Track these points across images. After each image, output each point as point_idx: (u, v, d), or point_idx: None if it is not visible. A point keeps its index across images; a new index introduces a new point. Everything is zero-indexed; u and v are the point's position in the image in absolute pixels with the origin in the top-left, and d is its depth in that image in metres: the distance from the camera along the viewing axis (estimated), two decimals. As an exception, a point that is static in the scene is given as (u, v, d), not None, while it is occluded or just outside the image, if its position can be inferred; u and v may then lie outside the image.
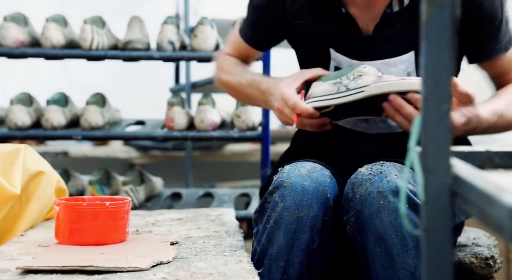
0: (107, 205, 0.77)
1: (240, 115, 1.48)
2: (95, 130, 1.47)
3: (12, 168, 0.86)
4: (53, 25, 1.44)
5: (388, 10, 0.87)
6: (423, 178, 0.37)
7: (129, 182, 1.51)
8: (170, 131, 1.48)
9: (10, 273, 0.61)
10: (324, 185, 0.76)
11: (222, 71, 1.04)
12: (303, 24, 0.91)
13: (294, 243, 0.74)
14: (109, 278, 0.60)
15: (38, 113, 1.50)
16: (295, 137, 1.04)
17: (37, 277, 0.59)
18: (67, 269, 0.61)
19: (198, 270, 0.63)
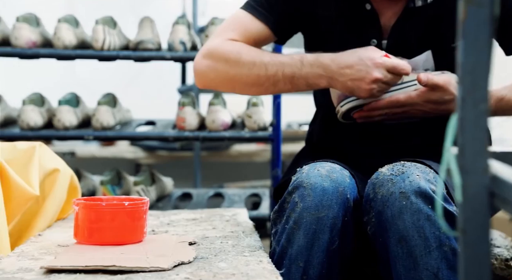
0: (126, 205, 0.77)
1: (252, 115, 1.47)
2: (107, 130, 1.47)
3: (28, 167, 0.86)
4: (65, 25, 1.45)
5: (411, 5, 0.86)
6: (461, 179, 0.37)
7: (140, 182, 1.51)
8: (181, 131, 1.48)
9: (34, 272, 0.61)
10: (344, 185, 0.76)
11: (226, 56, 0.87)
12: (327, 15, 0.90)
13: (314, 244, 0.74)
14: (132, 278, 0.60)
15: (50, 113, 1.50)
16: (309, 137, 1.03)
17: (61, 277, 0.59)
18: (90, 269, 0.61)
19: (220, 270, 0.63)
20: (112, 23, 1.49)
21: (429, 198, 0.72)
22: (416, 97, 0.82)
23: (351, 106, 0.85)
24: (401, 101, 0.82)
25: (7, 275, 0.59)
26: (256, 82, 0.87)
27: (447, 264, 0.71)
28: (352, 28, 0.89)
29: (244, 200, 1.65)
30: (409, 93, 0.83)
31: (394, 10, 0.88)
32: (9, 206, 0.80)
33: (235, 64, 0.87)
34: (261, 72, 0.85)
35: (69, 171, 0.98)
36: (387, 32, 0.89)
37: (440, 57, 0.87)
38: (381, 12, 0.88)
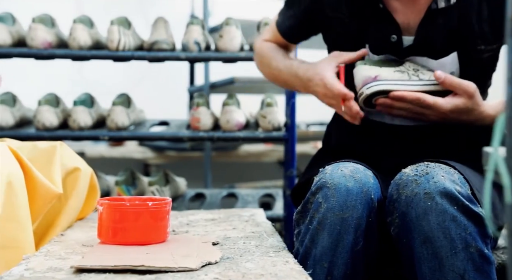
0: (149, 205, 0.77)
1: (266, 116, 1.47)
2: (121, 131, 1.48)
3: (50, 166, 0.87)
4: (80, 26, 1.45)
5: (434, 6, 0.86)
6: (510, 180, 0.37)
7: (155, 183, 1.52)
8: (195, 131, 1.49)
9: (64, 272, 0.61)
10: (368, 186, 0.76)
11: (261, 56, 1.07)
12: (339, 17, 0.91)
13: (339, 244, 0.74)
14: (161, 278, 0.60)
15: (64, 114, 1.51)
16: (326, 137, 1.03)
17: (91, 276, 0.60)
18: (119, 269, 0.62)
19: (248, 270, 0.63)
20: (126, 24, 1.49)
21: (454, 199, 0.72)
22: (443, 102, 0.83)
23: (377, 90, 0.85)
24: (427, 102, 0.82)
25: (38, 274, 0.60)
26: (274, 80, 1.08)
27: (473, 266, 0.71)
28: (367, 27, 0.89)
29: (258, 200, 1.65)
30: (437, 98, 0.83)
31: (413, 10, 0.88)
32: (33, 205, 0.80)
33: (262, 63, 1.08)
34: (275, 73, 1.04)
35: (89, 170, 0.98)
36: (407, 30, 0.88)
37: (465, 59, 0.87)
38: (396, 10, 0.88)
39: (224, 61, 1.52)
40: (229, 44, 1.48)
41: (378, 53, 0.89)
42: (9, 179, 0.69)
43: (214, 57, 1.49)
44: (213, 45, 1.52)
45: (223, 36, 1.48)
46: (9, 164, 0.71)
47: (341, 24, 0.91)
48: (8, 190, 0.67)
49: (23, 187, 0.71)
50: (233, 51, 1.48)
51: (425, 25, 0.87)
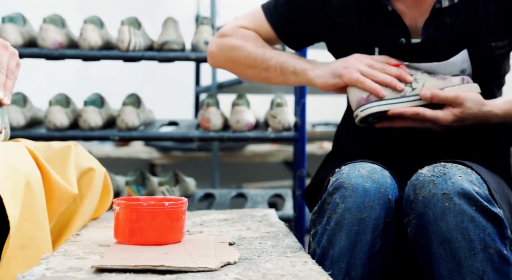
0: (166, 205, 0.77)
1: (276, 116, 1.48)
2: (132, 131, 1.48)
3: (66, 166, 0.87)
4: (91, 26, 1.46)
5: (438, 6, 0.86)
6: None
7: (165, 183, 1.52)
8: (206, 131, 1.49)
9: (85, 271, 0.61)
10: (385, 186, 0.76)
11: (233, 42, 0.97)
12: (348, 22, 0.90)
13: (356, 245, 0.74)
14: (182, 278, 0.60)
15: (75, 114, 1.51)
16: (336, 139, 1.03)
17: (112, 276, 0.60)
18: (139, 269, 0.62)
19: (267, 271, 0.63)
20: (136, 24, 1.50)
21: (472, 200, 0.72)
22: (442, 114, 0.83)
23: (372, 112, 0.84)
24: (427, 117, 0.83)
25: (59, 274, 0.60)
26: (252, 64, 0.97)
27: (492, 267, 0.71)
28: (376, 31, 0.89)
29: (267, 200, 1.65)
30: (436, 112, 0.83)
31: (419, 11, 0.87)
32: (50, 205, 0.80)
33: (239, 47, 0.97)
34: (258, 56, 0.95)
35: (103, 170, 0.98)
36: (415, 32, 0.88)
37: (477, 57, 0.87)
38: (404, 12, 0.88)
39: (233, 61, 1.52)
40: (239, 44, 1.48)
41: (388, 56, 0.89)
42: (28, 179, 0.69)
43: (224, 57, 1.49)
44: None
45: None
46: (27, 164, 0.71)
47: (349, 29, 0.91)
48: (27, 190, 0.68)
49: (41, 187, 0.72)
50: (243, 51, 1.48)
51: (431, 25, 0.87)
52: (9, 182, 0.66)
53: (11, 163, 0.68)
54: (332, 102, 2.34)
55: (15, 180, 0.67)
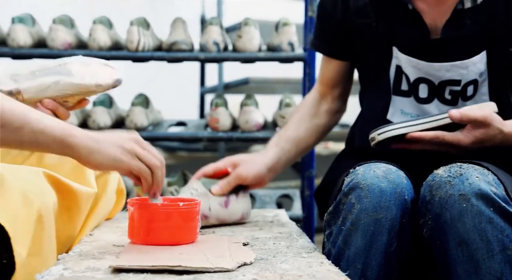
0: (180, 205, 0.77)
1: (285, 116, 1.47)
2: (140, 131, 1.48)
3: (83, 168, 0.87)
4: (100, 27, 1.46)
5: (459, 6, 0.86)
6: None
7: (173, 183, 1.52)
8: (214, 132, 1.49)
9: (102, 271, 0.61)
10: (401, 186, 0.76)
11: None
12: (366, 23, 0.90)
13: (372, 245, 0.74)
14: (199, 278, 0.60)
15: (84, 114, 1.52)
16: (350, 139, 1.03)
17: (130, 276, 0.60)
18: (156, 269, 0.62)
19: (285, 271, 0.63)
20: (145, 24, 1.50)
21: (490, 200, 0.71)
22: (463, 137, 0.81)
23: (390, 136, 0.83)
24: (447, 141, 0.81)
25: (78, 274, 0.60)
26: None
27: (510, 269, 0.70)
28: (395, 30, 0.89)
29: (275, 200, 1.65)
30: (456, 134, 0.81)
31: (439, 11, 0.87)
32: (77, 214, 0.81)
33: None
34: None
35: (117, 173, 0.98)
36: (434, 32, 0.88)
37: (495, 61, 0.86)
38: (424, 11, 0.88)
39: (242, 62, 1.52)
40: (248, 44, 1.48)
41: (407, 54, 0.88)
42: (40, 213, 0.69)
43: (233, 58, 1.49)
44: (230, 45, 1.52)
45: (242, 36, 1.48)
46: (41, 193, 0.71)
47: (368, 29, 0.90)
48: (37, 225, 0.68)
49: (52, 219, 0.71)
50: (252, 51, 1.48)
51: (451, 25, 0.86)
52: (21, 218, 0.66)
53: (25, 194, 0.68)
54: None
55: (27, 215, 0.67)
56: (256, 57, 1.48)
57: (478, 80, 0.88)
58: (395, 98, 0.91)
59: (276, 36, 1.51)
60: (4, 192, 0.66)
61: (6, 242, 0.65)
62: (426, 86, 0.88)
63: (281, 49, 1.49)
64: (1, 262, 0.66)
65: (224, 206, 0.93)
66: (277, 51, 1.49)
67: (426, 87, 0.88)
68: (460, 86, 0.88)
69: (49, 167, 0.82)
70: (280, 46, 1.49)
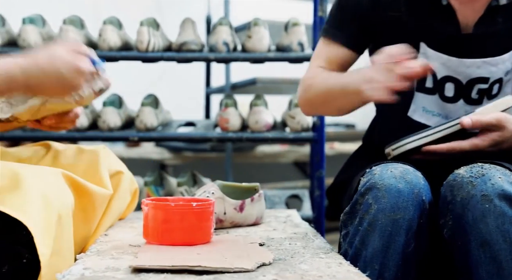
0: (194, 206, 0.77)
1: (295, 116, 1.47)
2: (150, 131, 1.48)
3: (98, 168, 0.88)
4: (110, 27, 1.46)
5: (494, 3, 0.85)
6: None
7: (183, 183, 1.52)
8: (224, 132, 1.49)
9: (122, 271, 0.61)
10: (419, 187, 0.75)
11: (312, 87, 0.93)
12: (396, 16, 0.89)
13: (390, 246, 0.73)
14: (220, 278, 0.60)
15: (94, 114, 1.52)
16: (369, 135, 1.01)
17: (150, 276, 0.60)
18: (176, 269, 0.62)
19: (304, 272, 0.62)
20: (155, 25, 1.50)
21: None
22: (480, 142, 0.80)
23: (404, 151, 0.83)
24: (463, 149, 0.81)
25: (98, 274, 0.60)
26: (323, 100, 0.93)
27: None
28: (425, 25, 0.87)
29: (284, 201, 1.65)
30: (472, 140, 0.81)
31: (474, 7, 0.86)
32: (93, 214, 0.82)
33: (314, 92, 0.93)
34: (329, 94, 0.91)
35: (129, 174, 0.99)
36: (466, 29, 0.87)
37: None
38: (457, 7, 0.87)
39: (252, 62, 1.52)
40: (258, 44, 1.47)
41: (437, 50, 0.87)
42: (60, 213, 0.70)
43: (243, 58, 1.49)
44: (239, 45, 1.52)
45: (252, 37, 1.48)
46: (61, 194, 0.72)
47: (397, 23, 0.89)
48: (57, 225, 0.69)
49: (70, 218, 0.72)
50: (262, 51, 1.48)
51: (483, 22, 0.85)
52: (42, 218, 0.66)
53: (45, 195, 0.69)
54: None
55: (48, 216, 0.67)
56: (266, 57, 1.48)
57: (504, 79, 0.87)
58: (418, 94, 0.89)
59: (286, 36, 1.51)
60: (25, 192, 0.67)
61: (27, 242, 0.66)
62: (453, 85, 0.87)
63: (291, 49, 1.48)
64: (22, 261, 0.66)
65: (239, 210, 0.93)
66: (286, 51, 1.48)
67: (453, 86, 0.87)
68: (487, 84, 0.87)
69: (63, 168, 0.82)
70: (290, 46, 1.48)
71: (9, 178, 0.68)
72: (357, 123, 2.99)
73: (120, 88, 1.85)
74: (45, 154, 0.95)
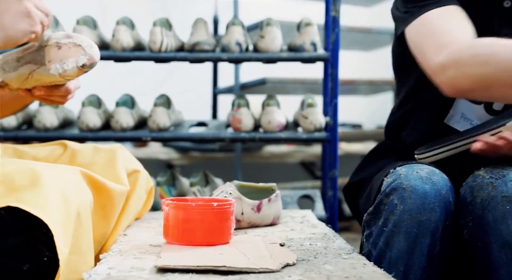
0: (214, 206, 0.77)
1: (308, 116, 1.47)
2: (163, 132, 1.48)
3: (115, 166, 0.88)
4: (123, 27, 1.46)
5: None
6: None
7: (196, 183, 1.52)
8: (237, 132, 1.48)
9: (147, 271, 0.61)
10: (445, 189, 0.74)
11: (479, 59, 0.74)
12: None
13: (415, 248, 0.72)
14: (245, 278, 0.60)
15: (107, 114, 1.52)
16: (394, 131, 0.98)
17: (176, 276, 0.59)
18: (201, 269, 0.61)
19: (330, 273, 0.62)
20: (168, 25, 1.50)
21: None
22: None
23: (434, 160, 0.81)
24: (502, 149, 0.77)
25: (124, 273, 0.60)
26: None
27: None
28: (484, 28, 0.84)
29: (296, 201, 1.64)
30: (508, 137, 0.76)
31: None
32: (112, 211, 0.82)
33: (492, 64, 0.75)
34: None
35: (145, 173, 0.99)
36: None
37: None
38: None
39: (265, 62, 1.51)
40: (270, 44, 1.47)
41: None
42: (79, 210, 0.70)
43: (255, 58, 1.48)
44: (251, 45, 1.52)
45: (265, 37, 1.48)
46: (79, 192, 0.72)
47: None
48: (76, 223, 0.69)
49: (89, 216, 0.72)
50: (274, 51, 1.47)
51: None
52: (61, 216, 0.66)
53: (64, 193, 0.69)
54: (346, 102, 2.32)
55: (67, 213, 0.67)
56: (279, 57, 1.47)
57: None
58: (460, 101, 0.87)
59: (298, 36, 1.50)
60: (44, 191, 0.67)
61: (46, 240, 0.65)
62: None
63: (304, 49, 1.48)
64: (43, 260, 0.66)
65: (257, 210, 0.93)
66: (299, 51, 1.48)
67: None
68: None
69: (81, 167, 0.82)
70: (302, 46, 1.48)
71: (28, 176, 0.68)
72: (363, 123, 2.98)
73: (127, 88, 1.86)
74: (62, 153, 0.95)
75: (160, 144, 2.66)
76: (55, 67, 0.81)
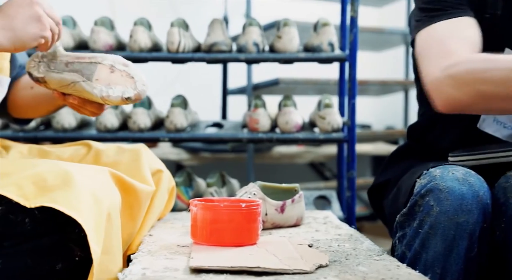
0: (242, 206, 0.77)
1: (325, 117, 1.46)
2: (180, 132, 1.48)
3: (140, 166, 0.88)
4: (141, 28, 1.46)
5: None
6: None
7: (213, 184, 1.52)
8: (254, 132, 1.48)
9: (181, 272, 0.61)
10: (483, 190, 0.73)
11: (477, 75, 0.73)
12: (492, 17, 0.84)
13: (453, 250, 0.71)
14: (279, 279, 0.59)
15: (124, 115, 1.52)
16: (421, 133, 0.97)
17: (211, 277, 0.59)
18: (235, 270, 0.61)
19: (365, 274, 0.62)
20: (185, 25, 1.50)
21: None
22: None
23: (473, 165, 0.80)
24: None
25: (159, 274, 0.59)
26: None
27: None
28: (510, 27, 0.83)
29: (312, 202, 1.64)
30: None
31: None
32: (139, 211, 0.82)
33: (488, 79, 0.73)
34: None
35: (168, 173, 0.99)
36: None
37: None
38: None
39: (282, 62, 1.51)
40: (288, 44, 1.47)
41: None
42: (109, 211, 0.70)
43: (273, 58, 1.48)
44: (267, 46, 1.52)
45: (282, 37, 1.47)
46: (109, 193, 0.73)
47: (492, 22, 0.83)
48: (107, 223, 0.69)
49: (118, 216, 0.73)
50: (292, 52, 1.47)
51: None
52: (93, 216, 0.67)
53: (94, 194, 0.69)
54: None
55: (99, 214, 0.68)
56: (296, 57, 1.47)
57: None
58: None
59: (316, 36, 1.50)
60: (77, 191, 0.67)
61: (77, 240, 0.65)
62: None
63: (321, 49, 1.47)
64: (74, 259, 0.66)
65: (280, 211, 0.93)
66: (317, 51, 1.47)
67: None
68: None
69: (105, 166, 0.82)
70: (320, 46, 1.47)
71: (60, 176, 0.68)
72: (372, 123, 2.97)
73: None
74: (86, 153, 0.95)
75: (170, 145, 2.66)
76: (100, 88, 0.81)
